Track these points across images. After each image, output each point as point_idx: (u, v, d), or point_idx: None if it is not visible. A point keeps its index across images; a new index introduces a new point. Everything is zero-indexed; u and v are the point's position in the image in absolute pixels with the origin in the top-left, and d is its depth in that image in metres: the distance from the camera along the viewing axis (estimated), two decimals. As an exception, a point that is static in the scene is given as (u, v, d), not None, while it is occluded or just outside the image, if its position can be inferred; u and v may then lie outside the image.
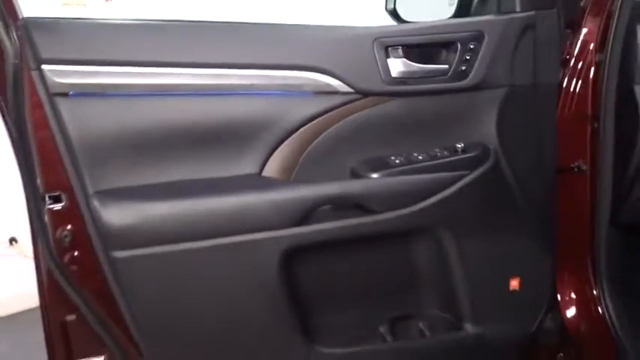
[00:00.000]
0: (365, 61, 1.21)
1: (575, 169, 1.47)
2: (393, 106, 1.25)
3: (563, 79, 1.44)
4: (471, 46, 1.25)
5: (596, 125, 1.42)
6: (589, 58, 1.43)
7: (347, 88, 1.21)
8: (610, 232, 1.45)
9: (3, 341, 2.42)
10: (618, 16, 1.32)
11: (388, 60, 1.23)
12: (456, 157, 1.25)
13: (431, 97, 1.27)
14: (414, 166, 1.23)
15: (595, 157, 1.44)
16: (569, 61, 1.44)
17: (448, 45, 1.26)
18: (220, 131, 1.19)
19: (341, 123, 1.23)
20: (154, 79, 1.13)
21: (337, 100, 1.22)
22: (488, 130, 1.31)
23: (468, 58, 1.26)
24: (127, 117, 1.13)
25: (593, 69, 1.42)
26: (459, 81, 1.26)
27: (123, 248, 1.08)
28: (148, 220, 1.08)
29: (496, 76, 1.28)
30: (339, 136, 1.24)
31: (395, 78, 1.23)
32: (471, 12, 1.39)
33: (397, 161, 1.24)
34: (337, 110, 1.23)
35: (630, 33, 1.32)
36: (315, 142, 1.23)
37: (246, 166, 1.21)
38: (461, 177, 1.25)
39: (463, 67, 1.26)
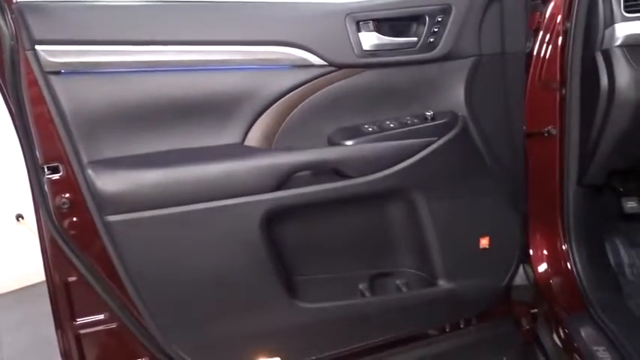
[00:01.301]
0: (338, 36, 1.29)
1: (545, 134, 1.55)
2: (365, 77, 1.34)
3: (534, 47, 1.51)
4: (439, 19, 1.33)
5: (564, 91, 1.50)
6: (557, 27, 1.50)
7: (322, 62, 1.30)
8: (577, 192, 1.53)
9: (15, 311, 2.57)
10: None
11: (360, 34, 1.30)
12: (426, 125, 1.34)
13: (401, 68, 1.35)
14: (386, 133, 1.32)
15: (563, 122, 1.51)
16: (538, 30, 1.52)
17: (417, 18, 1.34)
18: (205, 104, 1.28)
19: (317, 94, 1.32)
20: (141, 56, 1.21)
21: (313, 72, 1.31)
22: (457, 98, 1.39)
23: (436, 30, 1.33)
24: (117, 92, 1.22)
25: (560, 37, 1.49)
26: (428, 52, 1.34)
27: (116, 213, 1.18)
28: (139, 186, 1.18)
29: (463, 46, 1.36)
30: (316, 107, 1.33)
31: (367, 51, 1.31)
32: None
33: (370, 129, 1.32)
34: (313, 82, 1.31)
35: (593, 1, 1.39)
36: (293, 112, 1.32)
37: (229, 136, 1.30)
38: (430, 143, 1.33)
39: (431, 39, 1.33)
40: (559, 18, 1.49)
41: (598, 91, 1.40)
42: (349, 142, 1.30)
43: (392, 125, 1.33)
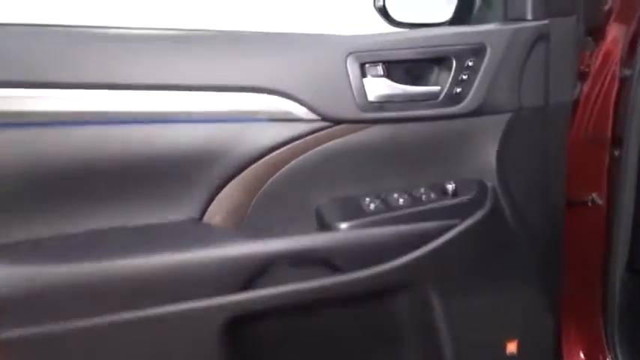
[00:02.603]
0: (335, 81, 0.96)
1: (589, 203, 1.24)
2: (369, 134, 1.01)
3: (580, 95, 1.20)
4: (469, 63, 1.00)
5: (616, 153, 1.19)
6: (612, 72, 1.18)
7: (311, 115, 0.97)
8: (625, 279, 1.23)
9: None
10: None
11: (364, 80, 0.97)
12: (445, 203, 1.01)
13: (417, 124, 1.02)
14: (394, 214, 0.99)
15: (613, 190, 1.21)
16: (587, 74, 1.20)
17: (440, 61, 1.01)
18: (151, 167, 0.94)
19: (305, 156, 0.99)
20: (63, 104, 0.88)
21: (299, 128, 0.97)
22: (486, 163, 1.06)
23: (464, 77, 1.00)
24: (29, 151, 0.88)
25: (616, 85, 1.18)
26: (453, 106, 1.01)
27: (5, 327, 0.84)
28: (41, 287, 0.84)
29: (499, 99, 1.03)
30: (302, 172, 1.00)
31: (373, 102, 0.98)
32: (471, 18, 1.13)
33: (372, 206, 1.00)
34: (299, 141, 0.98)
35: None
36: (271, 179, 0.99)
37: (182, 210, 0.97)
38: (450, 227, 1.01)
39: (458, 90, 1.01)
40: (616, 59, 1.18)
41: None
42: (344, 225, 0.97)
43: (401, 201, 1.01)
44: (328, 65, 0.96)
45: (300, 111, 0.96)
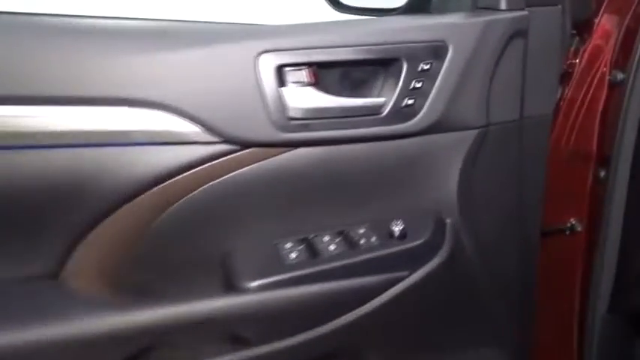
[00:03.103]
0: (241, 91, 0.70)
1: (567, 231, 1.03)
2: (291, 160, 0.76)
3: (560, 102, 0.97)
4: (425, 67, 0.75)
5: (602, 173, 0.97)
6: (600, 74, 0.96)
7: (208, 136, 0.71)
8: (607, 321, 1.03)
9: None
10: None
11: (283, 89, 0.72)
12: (390, 250, 0.77)
13: (354, 146, 0.78)
14: (322, 268, 0.75)
15: (595, 216, 1.00)
16: (570, 76, 0.97)
17: (387, 63, 0.76)
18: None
19: (200, 190, 0.73)
20: None
21: (193, 153, 0.71)
22: (444, 194, 0.83)
23: (417, 85, 0.76)
24: None
25: (605, 91, 0.95)
26: (402, 122, 0.77)
27: None
28: None
29: (462, 113, 0.79)
30: (199, 210, 0.74)
31: (294, 120, 0.73)
32: (430, 7, 0.88)
33: (294, 256, 0.75)
34: (193, 171, 0.72)
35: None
36: (155, 222, 0.73)
37: (33, 264, 0.71)
38: (396, 280, 0.78)
39: (409, 101, 0.76)
40: (604, 61, 0.95)
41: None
42: (256, 284, 0.73)
43: (332, 248, 0.77)
44: (231, 68, 0.69)
45: (192, 131, 0.70)
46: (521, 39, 0.80)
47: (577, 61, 0.97)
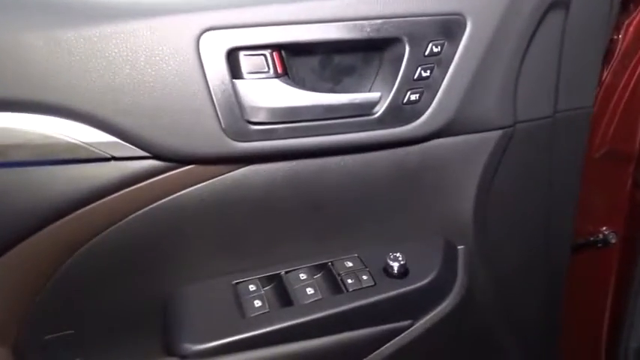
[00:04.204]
0: (178, 87, 0.50)
1: (599, 244, 0.85)
2: (251, 176, 0.56)
3: (598, 91, 0.78)
4: (435, 49, 0.55)
5: None
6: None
7: (133, 151, 0.50)
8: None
9: None
10: None
11: (237, 83, 0.51)
12: (386, 295, 0.58)
13: (339, 158, 0.58)
14: (294, 322, 0.55)
15: (634, 227, 0.83)
16: (610, 56, 0.78)
17: (382, 45, 0.55)
18: None
19: (128, 220, 0.54)
20: None
21: (114, 173, 0.51)
22: (457, 213, 0.64)
23: (425, 74, 0.55)
24: None
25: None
26: (404, 124, 0.57)
27: None
28: None
29: (483, 109, 0.59)
30: (125, 243, 0.55)
31: (254, 124, 0.52)
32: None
33: (258, 305, 0.56)
34: (115, 196, 0.52)
35: None
36: (68, 262, 0.54)
37: None
38: (395, 333, 0.59)
39: (413, 96, 0.56)
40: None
41: None
42: (203, 347, 0.54)
43: (310, 291, 0.58)
44: (161, 54, 0.49)
45: (107, 143, 0.49)
46: (561, 11, 0.60)
47: (619, 36, 0.77)
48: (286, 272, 0.59)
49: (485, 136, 0.61)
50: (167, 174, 0.52)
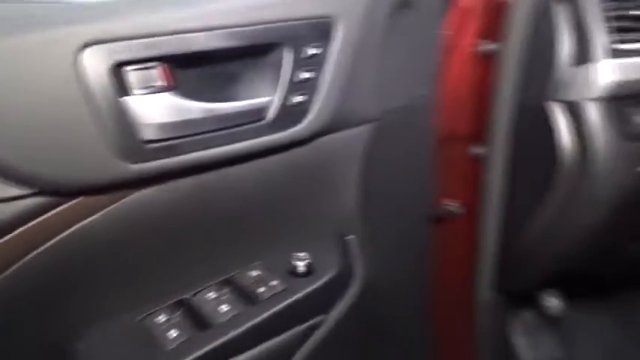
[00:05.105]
0: (58, 109, 0.45)
1: (447, 216, 0.96)
2: (151, 198, 0.52)
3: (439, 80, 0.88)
4: (314, 51, 0.57)
5: (478, 151, 0.91)
6: (469, 45, 0.88)
7: (21, 188, 0.44)
8: (494, 301, 1.00)
9: None
10: None
11: (128, 100, 0.48)
12: (298, 295, 0.59)
13: (234, 167, 0.57)
14: (218, 342, 0.53)
15: (475, 197, 0.94)
16: (445, 52, 0.88)
17: (264, 51, 0.56)
18: None
19: (25, 261, 0.46)
20: None
21: (11, 212, 0.44)
22: (344, 206, 0.67)
23: (307, 76, 0.57)
24: None
25: (474, 63, 0.88)
26: (292, 126, 0.58)
27: None
28: None
29: (358, 104, 0.63)
30: (24, 286, 0.48)
31: (151, 143, 0.49)
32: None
33: (173, 334, 0.53)
34: (15, 235, 0.45)
35: (544, 15, 0.79)
36: None
37: None
38: (314, 329, 0.60)
39: (299, 98, 0.57)
40: (472, 31, 0.88)
41: (549, 162, 0.83)
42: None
43: (223, 309, 0.56)
44: (37, 76, 0.43)
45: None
46: (408, 9, 0.66)
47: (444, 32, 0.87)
48: (194, 294, 0.57)
49: (361, 129, 0.65)
50: (58, 209, 0.46)
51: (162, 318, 0.54)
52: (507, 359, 1.04)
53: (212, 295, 0.56)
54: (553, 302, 1.10)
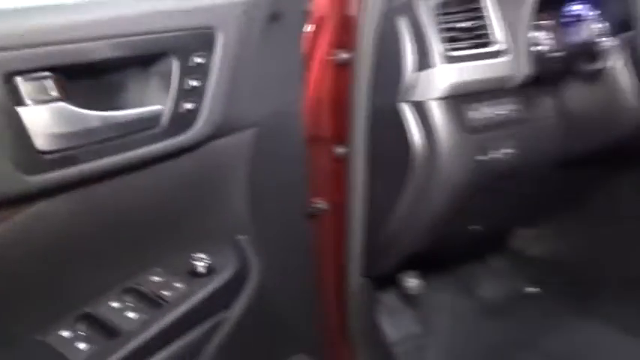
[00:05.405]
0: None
1: (317, 213, 1.03)
2: (49, 210, 0.51)
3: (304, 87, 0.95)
4: (197, 60, 0.60)
5: (340, 150, 0.99)
6: (323, 54, 0.96)
7: None
8: (363, 286, 1.09)
9: None
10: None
11: (21, 110, 0.47)
12: (202, 294, 0.62)
13: (131, 175, 0.58)
14: (133, 347, 0.54)
15: (340, 194, 1.02)
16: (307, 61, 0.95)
17: (154, 61, 0.58)
18: None
19: None
20: None
21: None
22: (235, 207, 0.71)
23: (194, 84, 0.60)
24: None
25: (331, 71, 0.96)
26: (183, 132, 0.60)
27: None
28: None
29: (241, 109, 0.68)
30: None
31: (47, 154, 0.48)
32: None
33: (82, 346, 0.52)
34: None
35: (389, 28, 0.90)
36: None
37: None
38: (218, 325, 0.63)
39: (189, 105, 0.60)
40: (326, 40, 0.96)
41: (403, 157, 0.95)
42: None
43: (131, 317, 0.56)
44: None
45: None
46: (277, 22, 0.72)
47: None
48: (98, 306, 0.56)
49: (245, 134, 0.69)
50: None
51: (68, 333, 0.52)
52: (376, 340, 1.14)
53: (116, 304, 0.56)
54: (412, 282, 1.23)
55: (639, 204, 1.24)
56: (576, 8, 0.91)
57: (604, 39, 0.88)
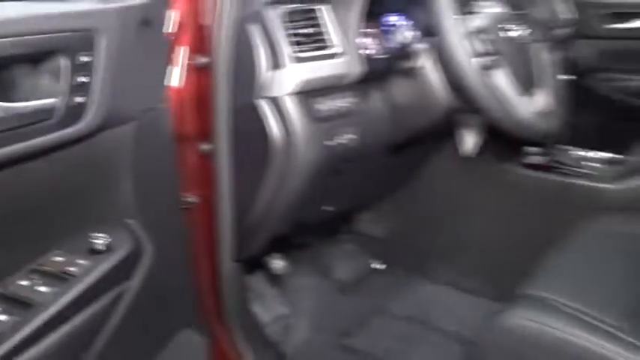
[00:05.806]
0: None
1: (188, 206, 1.11)
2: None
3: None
4: (83, 59, 0.68)
5: (206, 147, 1.09)
6: (184, 58, 1.06)
7: None
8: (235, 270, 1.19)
9: None
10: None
11: None
12: (106, 266, 0.68)
13: (28, 163, 0.63)
14: (49, 314, 0.59)
15: (208, 188, 1.12)
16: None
17: (46, 58, 0.64)
18: None
19: None
20: None
21: None
22: (124, 192, 0.78)
23: (83, 80, 0.67)
24: None
25: (192, 74, 1.06)
26: (74, 124, 0.67)
27: None
28: None
29: (124, 104, 0.76)
30: None
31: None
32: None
33: (2, 317, 0.57)
34: None
35: (243, 34, 1.03)
36: None
37: None
38: (121, 295, 0.70)
39: (79, 99, 0.67)
40: (184, 47, 1.06)
41: (264, 148, 1.07)
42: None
43: (43, 289, 0.62)
44: None
45: None
46: (148, 26, 0.81)
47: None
48: (7, 285, 0.60)
49: (129, 126, 0.77)
50: None
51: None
52: (248, 322, 1.24)
53: (25, 282, 0.61)
54: (277, 264, 1.36)
55: (449, 180, 1.50)
56: (393, 19, 1.12)
57: (416, 43, 1.09)
